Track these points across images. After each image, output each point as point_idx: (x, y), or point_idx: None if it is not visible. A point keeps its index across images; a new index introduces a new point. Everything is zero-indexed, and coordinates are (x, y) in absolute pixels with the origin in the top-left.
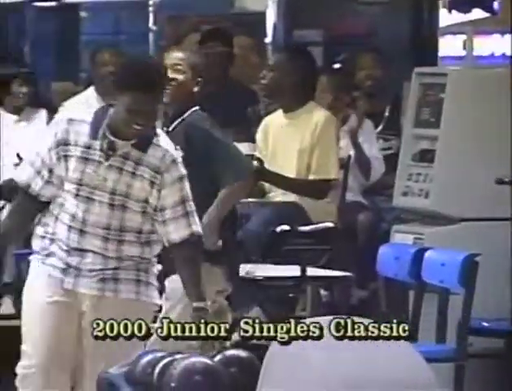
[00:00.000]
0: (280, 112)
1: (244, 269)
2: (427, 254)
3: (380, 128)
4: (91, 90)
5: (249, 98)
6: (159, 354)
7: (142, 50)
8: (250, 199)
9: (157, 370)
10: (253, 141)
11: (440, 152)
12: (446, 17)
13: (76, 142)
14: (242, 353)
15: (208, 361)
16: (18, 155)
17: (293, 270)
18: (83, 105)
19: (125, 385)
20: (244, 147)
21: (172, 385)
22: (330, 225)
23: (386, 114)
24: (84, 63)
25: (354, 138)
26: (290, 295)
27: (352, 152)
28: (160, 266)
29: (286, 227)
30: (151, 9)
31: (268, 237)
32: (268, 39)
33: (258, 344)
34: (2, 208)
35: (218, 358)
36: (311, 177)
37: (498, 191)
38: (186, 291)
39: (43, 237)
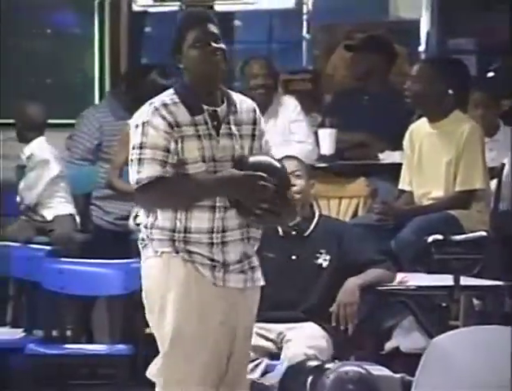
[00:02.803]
0: (425, 120)
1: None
2: None
3: None
4: None
5: (405, 107)
6: (312, 363)
7: (294, 58)
8: (404, 208)
9: (310, 379)
10: None
11: None
12: None
13: (182, 122)
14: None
15: (361, 370)
16: None
17: (446, 280)
18: None
19: None
20: (398, 156)
21: None
22: (483, 234)
23: None
24: (238, 71)
25: None
26: (443, 304)
27: (506, 160)
28: None
29: (439, 236)
30: (304, 17)
31: (421, 246)
32: (422, 48)
33: (410, 354)
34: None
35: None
36: (457, 188)
37: None
38: None
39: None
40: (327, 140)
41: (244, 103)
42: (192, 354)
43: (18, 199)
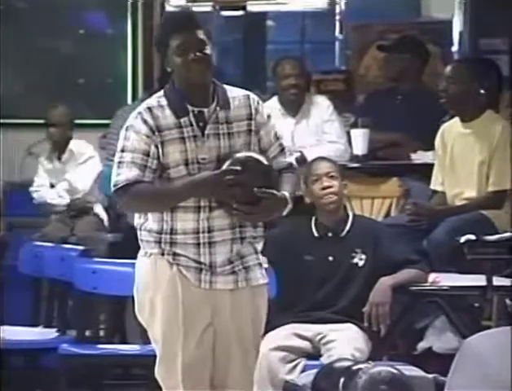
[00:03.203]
0: (457, 120)
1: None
2: None
3: None
4: (274, 100)
5: (438, 107)
6: (344, 364)
7: (326, 59)
8: (436, 208)
9: (343, 379)
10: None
11: None
12: None
13: (166, 125)
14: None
15: (393, 370)
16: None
17: (479, 280)
18: None
19: None
20: (431, 156)
21: None
22: None
23: None
24: (270, 72)
25: None
26: (476, 304)
27: None
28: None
29: (472, 237)
30: (337, 17)
31: (453, 246)
32: (455, 48)
33: (442, 354)
34: None
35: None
36: (490, 188)
37: None
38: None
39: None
40: (360, 140)
41: (238, 99)
42: (175, 356)
43: (59, 197)
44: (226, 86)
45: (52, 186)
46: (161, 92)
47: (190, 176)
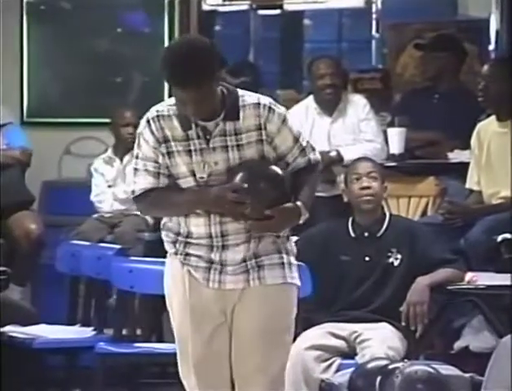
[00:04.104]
0: (493, 118)
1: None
2: None
3: None
4: (310, 99)
5: (476, 106)
6: (381, 363)
7: (363, 57)
8: (472, 207)
9: (379, 378)
10: None
11: None
12: None
13: (173, 137)
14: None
15: (430, 369)
16: None
17: None
18: (302, 114)
19: None
20: (468, 154)
21: None
22: None
23: None
24: (306, 70)
25: None
26: None
27: None
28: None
29: (508, 236)
30: (374, 16)
31: (490, 245)
32: (492, 46)
33: (479, 353)
34: None
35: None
36: None
37: None
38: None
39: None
40: (396, 139)
41: (248, 108)
42: (188, 356)
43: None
44: (239, 92)
45: (109, 187)
46: (173, 99)
47: (198, 187)
